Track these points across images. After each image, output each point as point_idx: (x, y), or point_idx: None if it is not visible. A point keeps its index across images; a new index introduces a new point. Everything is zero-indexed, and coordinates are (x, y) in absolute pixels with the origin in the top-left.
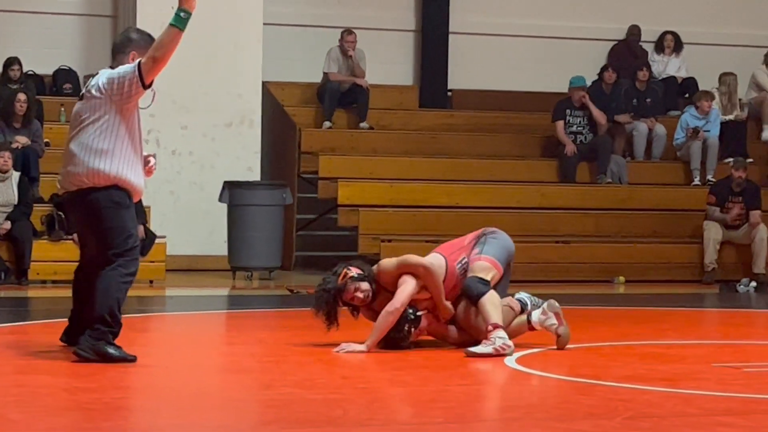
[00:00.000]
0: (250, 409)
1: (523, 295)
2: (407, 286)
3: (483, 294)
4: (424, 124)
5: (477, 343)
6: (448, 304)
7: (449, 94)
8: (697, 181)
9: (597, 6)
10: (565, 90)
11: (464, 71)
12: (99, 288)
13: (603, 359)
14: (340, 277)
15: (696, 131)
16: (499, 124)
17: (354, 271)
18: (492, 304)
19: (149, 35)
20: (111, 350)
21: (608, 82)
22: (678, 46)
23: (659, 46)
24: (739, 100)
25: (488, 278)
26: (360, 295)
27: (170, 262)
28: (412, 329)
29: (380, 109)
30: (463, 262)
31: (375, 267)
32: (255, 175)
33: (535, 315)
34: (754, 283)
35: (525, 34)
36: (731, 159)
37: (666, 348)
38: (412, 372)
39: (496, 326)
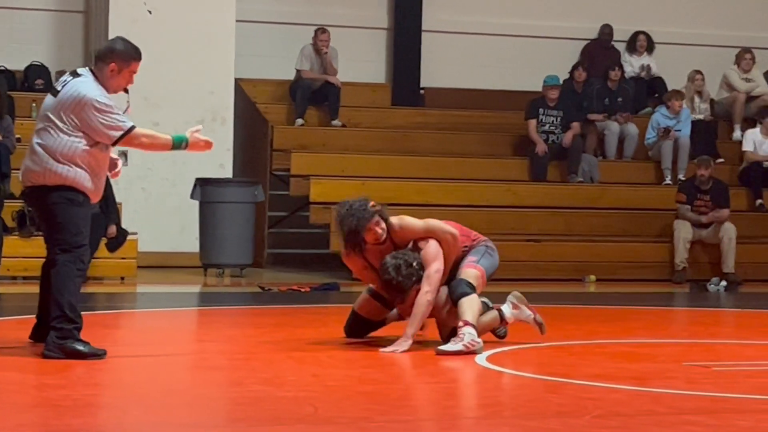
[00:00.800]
0: (219, 406)
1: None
2: (437, 255)
3: (467, 295)
4: (396, 122)
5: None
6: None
7: (421, 92)
8: (668, 180)
9: (569, 5)
10: (537, 89)
11: (436, 69)
12: (54, 287)
13: (573, 358)
14: (371, 204)
15: (667, 131)
16: (471, 123)
17: (378, 206)
18: (470, 304)
19: (134, 48)
20: (79, 347)
21: (579, 80)
22: (650, 45)
23: (631, 46)
24: (711, 99)
25: (475, 285)
26: (379, 230)
27: (141, 259)
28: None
29: (352, 107)
30: (464, 249)
31: (396, 220)
32: (227, 172)
33: (507, 310)
34: (724, 283)
35: (497, 32)
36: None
37: (636, 347)
38: (382, 370)
39: (467, 323)
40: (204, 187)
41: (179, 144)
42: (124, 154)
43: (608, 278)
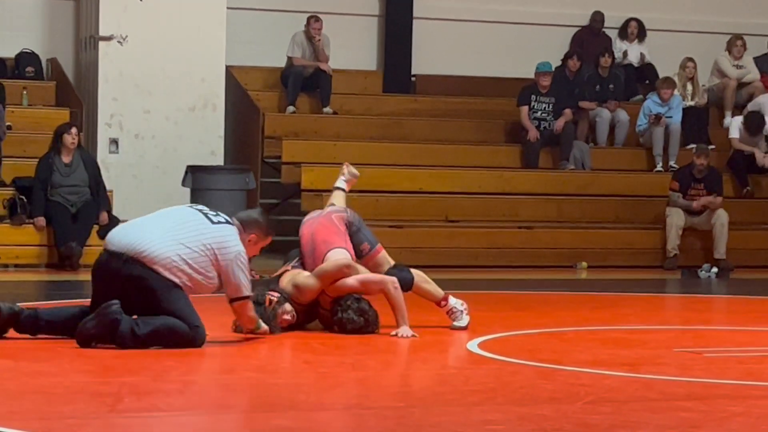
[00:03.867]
0: (212, 393)
1: None
2: (346, 262)
3: (413, 278)
4: (388, 109)
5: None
6: None
7: (413, 79)
8: (659, 167)
9: None
10: (529, 76)
11: (428, 56)
12: None
13: (564, 344)
14: (267, 305)
15: (658, 117)
16: (463, 110)
17: (275, 296)
18: (426, 281)
19: (268, 222)
20: None
21: (572, 69)
22: (641, 32)
23: (623, 33)
24: (702, 86)
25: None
26: (287, 317)
27: None
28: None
29: (344, 94)
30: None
31: (290, 288)
32: (218, 160)
33: (453, 300)
34: (715, 269)
35: (489, 19)
36: (693, 145)
37: (627, 333)
38: (374, 357)
39: (446, 297)
40: (195, 174)
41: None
42: (115, 142)
43: (600, 265)
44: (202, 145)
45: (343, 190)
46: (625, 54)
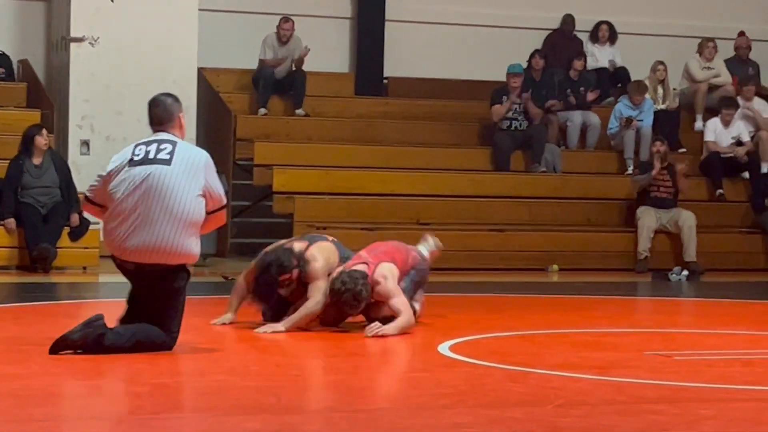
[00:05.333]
0: (183, 396)
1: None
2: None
3: None
4: (360, 112)
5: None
6: None
7: (385, 81)
8: (630, 170)
9: None
10: (501, 79)
11: (400, 59)
12: None
13: (535, 347)
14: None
15: (629, 121)
16: (435, 112)
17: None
18: None
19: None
20: None
21: (536, 68)
22: (612, 35)
23: (594, 36)
24: (673, 89)
25: None
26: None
27: (104, 249)
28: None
29: (316, 96)
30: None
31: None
32: None
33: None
34: (685, 272)
35: (461, 22)
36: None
37: (598, 336)
38: (346, 359)
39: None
40: None
41: None
42: (86, 143)
43: (571, 268)
44: None
45: None
46: (611, 63)
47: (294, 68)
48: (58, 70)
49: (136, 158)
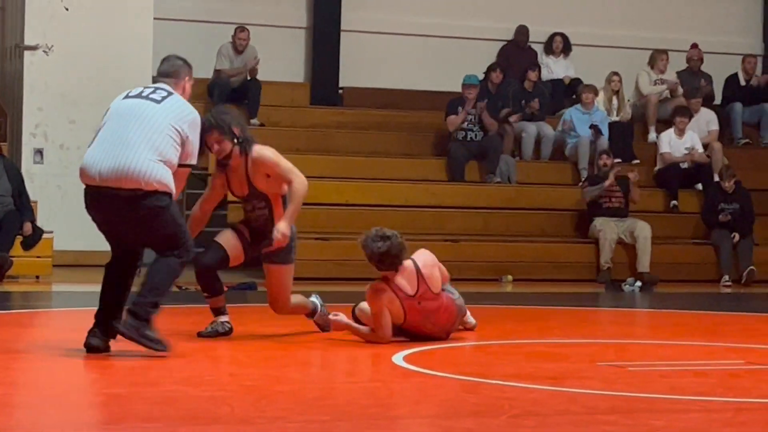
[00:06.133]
0: (136, 406)
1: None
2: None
3: None
4: (315, 122)
5: None
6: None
7: (340, 91)
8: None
9: (487, 6)
10: (456, 89)
11: (355, 69)
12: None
13: (489, 357)
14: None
15: (596, 128)
16: (390, 123)
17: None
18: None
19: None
20: (153, 334)
21: (495, 81)
22: (566, 47)
23: (548, 47)
24: (628, 101)
25: None
26: (216, 146)
27: (57, 258)
28: None
29: (271, 106)
30: None
31: (258, 149)
32: None
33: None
34: (639, 283)
35: (416, 33)
36: (619, 159)
37: (551, 347)
38: (299, 369)
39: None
40: None
41: None
42: (39, 152)
43: (525, 278)
44: None
45: None
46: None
47: (248, 78)
48: (11, 78)
49: (131, 94)
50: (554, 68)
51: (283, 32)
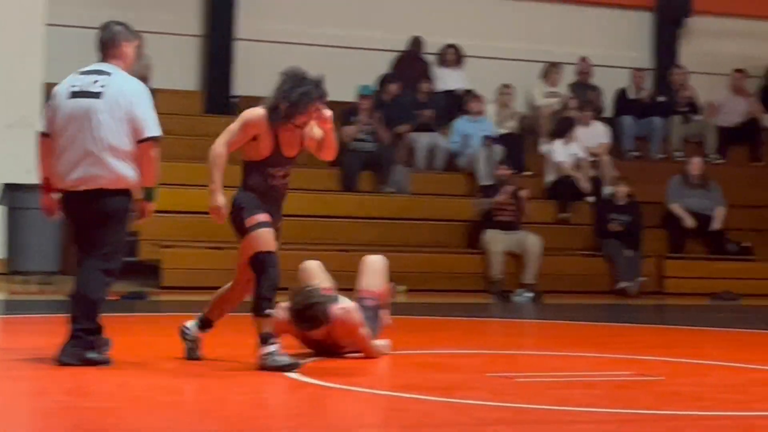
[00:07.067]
0: (22, 417)
1: None
2: None
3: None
4: (209, 130)
5: None
6: None
7: (234, 100)
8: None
9: (382, 16)
10: (350, 99)
11: (249, 78)
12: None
13: (380, 368)
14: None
15: (489, 140)
16: None
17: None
18: None
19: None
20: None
21: (390, 92)
22: (459, 59)
23: (441, 59)
24: (518, 113)
25: None
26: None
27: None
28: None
29: (164, 114)
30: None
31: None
32: (34, 178)
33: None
34: (529, 294)
35: (311, 42)
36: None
37: (442, 357)
38: (190, 381)
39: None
40: (12, 192)
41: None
42: None
43: (419, 288)
44: (17, 163)
45: None
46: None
47: None
48: None
49: (73, 89)
50: (447, 79)
51: (177, 40)
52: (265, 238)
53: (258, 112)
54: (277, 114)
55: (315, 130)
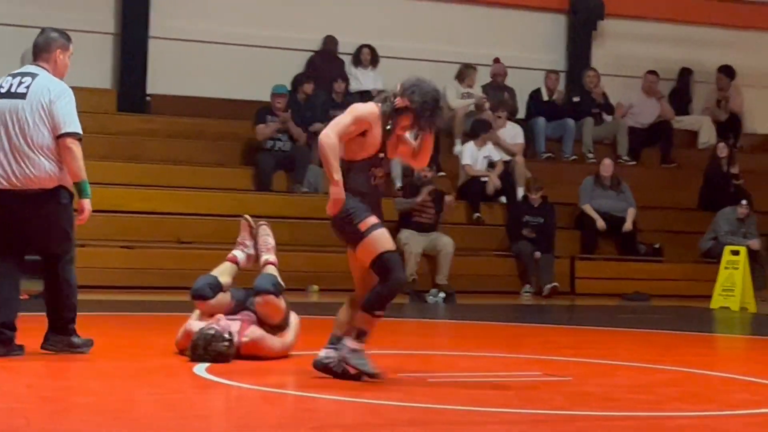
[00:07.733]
0: None
1: None
2: None
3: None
4: (122, 129)
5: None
6: None
7: (148, 98)
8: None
9: (296, 16)
10: (264, 98)
11: (164, 76)
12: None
13: (291, 368)
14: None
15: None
16: (198, 131)
17: None
18: None
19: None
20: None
21: (305, 92)
22: (375, 59)
23: (357, 59)
24: None
25: None
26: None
27: None
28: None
29: (77, 112)
30: None
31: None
32: None
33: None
34: (443, 294)
35: (225, 41)
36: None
37: None
38: (100, 381)
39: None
40: None
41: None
42: None
43: (332, 288)
44: None
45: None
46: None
47: None
48: None
49: (2, 90)
50: (362, 80)
51: (90, 37)
52: (386, 238)
53: (372, 107)
54: (398, 114)
55: (410, 137)
